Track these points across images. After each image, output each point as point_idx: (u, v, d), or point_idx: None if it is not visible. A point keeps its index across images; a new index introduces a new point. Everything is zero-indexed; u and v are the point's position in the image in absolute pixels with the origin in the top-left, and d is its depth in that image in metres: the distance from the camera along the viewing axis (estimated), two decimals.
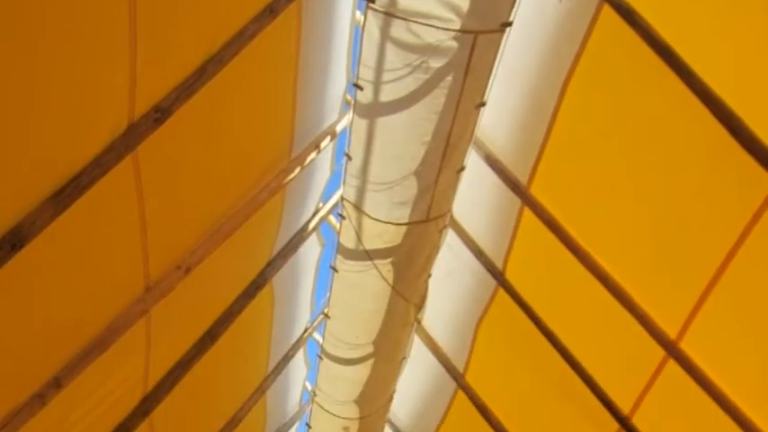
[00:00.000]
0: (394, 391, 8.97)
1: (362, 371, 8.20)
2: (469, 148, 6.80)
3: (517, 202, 6.96)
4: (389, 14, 5.51)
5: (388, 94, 6.01)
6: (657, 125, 5.69)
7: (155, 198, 5.22)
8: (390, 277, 7.33)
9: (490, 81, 6.17)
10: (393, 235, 7.06)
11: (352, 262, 7.37)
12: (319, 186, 7.71)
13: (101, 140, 4.48)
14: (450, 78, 5.82)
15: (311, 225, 7.83)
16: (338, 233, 7.40)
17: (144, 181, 5.00)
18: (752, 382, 6.09)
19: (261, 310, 7.78)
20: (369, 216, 6.98)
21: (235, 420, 8.51)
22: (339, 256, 7.47)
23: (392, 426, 9.81)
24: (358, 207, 6.97)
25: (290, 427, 10.12)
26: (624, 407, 7.00)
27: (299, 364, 9.51)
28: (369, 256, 7.16)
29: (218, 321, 7.05)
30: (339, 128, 7.13)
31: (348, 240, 7.31)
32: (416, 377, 9.17)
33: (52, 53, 3.87)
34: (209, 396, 7.94)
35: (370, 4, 5.47)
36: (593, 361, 7.13)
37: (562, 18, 5.83)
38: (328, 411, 8.78)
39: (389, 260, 7.19)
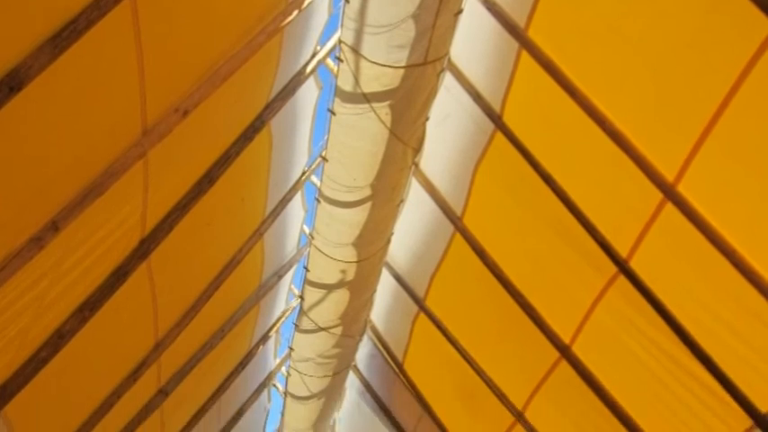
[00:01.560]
0: (391, 235, 9.14)
1: (360, 214, 8.33)
2: None
3: (515, 44, 6.99)
4: None
5: None
6: None
7: (152, 41, 5.24)
8: (388, 120, 7.40)
9: None
10: (391, 78, 7.10)
11: (349, 105, 7.42)
12: (317, 29, 7.71)
13: None
14: None
15: (309, 68, 7.87)
16: (336, 76, 7.43)
17: (141, 23, 5.03)
18: (748, 225, 6.26)
19: (259, 154, 7.88)
20: (366, 59, 7.00)
21: (232, 263, 8.71)
22: (337, 99, 7.52)
23: (390, 269, 10.02)
24: (356, 50, 6.99)
25: (288, 269, 10.35)
26: (622, 250, 7.18)
27: (296, 208, 9.67)
28: (366, 99, 7.21)
29: (216, 164, 7.16)
30: None
31: (346, 83, 7.35)
32: (414, 220, 9.33)
33: None
34: (206, 239, 8.11)
35: None
36: (590, 204, 7.27)
37: None
38: (326, 254, 8.95)
39: (387, 103, 7.25)
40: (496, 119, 7.60)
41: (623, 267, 7.21)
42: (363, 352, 11.30)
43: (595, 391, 8.09)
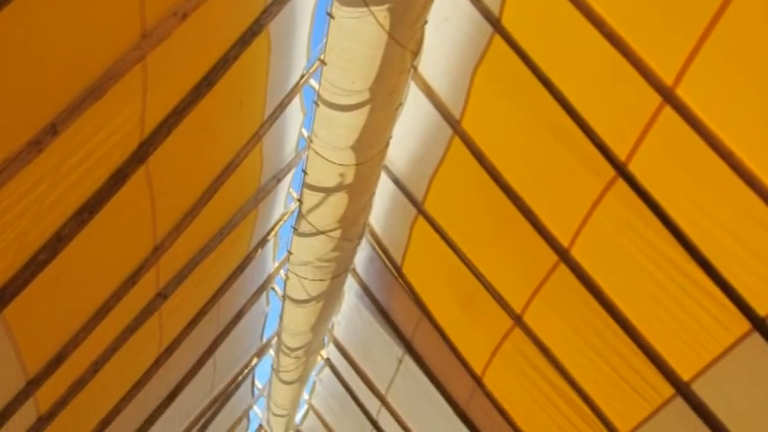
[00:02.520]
0: (390, 138, 9.17)
1: (358, 117, 8.35)
2: None
3: None
4: None
5: None
6: None
7: None
8: (387, 23, 7.37)
9: None
10: None
11: (348, 8, 7.38)
12: None
13: None
14: None
15: None
16: None
17: None
18: (746, 128, 6.32)
19: (257, 57, 7.88)
20: None
21: (231, 167, 8.77)
22: (335, 2, 7.48)
23: (388, 172, 10.07)
24: None
25: (287, 173, 10.42)
26: (621, 153, 7.24)
27: (295, 111, 9.70)
28: (365, 1, 7.18)
29: (215, 68, 7.17)
30: None
31: None
32: (413, 124, 9.36)
33: None
34: (205, 142, 8.16)
35: None
36: (589, 107, 7.31)
37: None
38: (324, 158, 8.98)
39: (386, 6, 7.21)
40: (495, 22, 7.59)
41: (622, 171, 7.28)
42: (362, 255, 11.43)
43: (594, 294, 8.23)
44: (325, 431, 14.92)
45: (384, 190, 10.27)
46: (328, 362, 13.88)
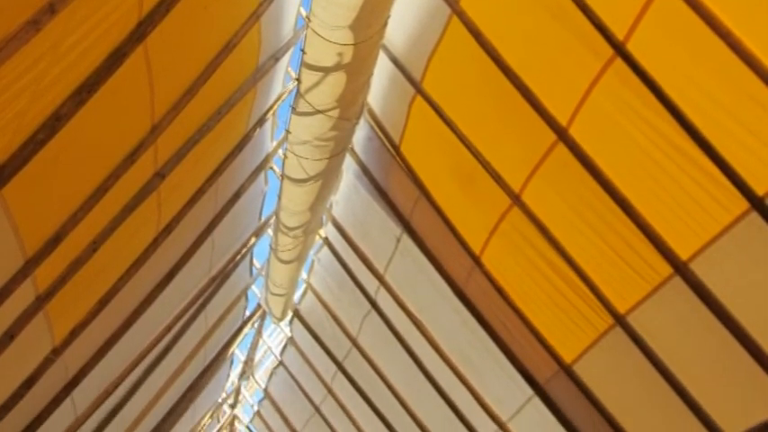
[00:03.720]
0: (388, 17, 9.12)
1: None
2: None
3: None
4: None
5: None
6: None
7: None
8: None
9: None
10: None
11: None
12: None
13: None
14: None
15: None
16: None
17: None
18: (745, 7, 6.38)
19: None
20: None
21: (229, 46, 8.76)
22: None
23: (387, 52, 10.05)
24: None
25: (285, 52, 10.40)
26: (619, 32, 7.25)
27: None
28: None
29: None
30: None
31: None
32: (411, 3, 9.32)
33: None
34: (203, 22, 8.14)
35: None
36: None
37: None
38: (323, 37, 8.95)
39: None
40: None
41: (620, 50, 7.30)
42: (360, 135, 11.47)
43: (592, 173, 8.32)
44: (323, 310, 15.12)
45: (382, 69, 10.25)
46: (327, 241, 14.02)
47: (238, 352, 18.61)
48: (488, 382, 11.97)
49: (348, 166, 12.16)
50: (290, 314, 16.06)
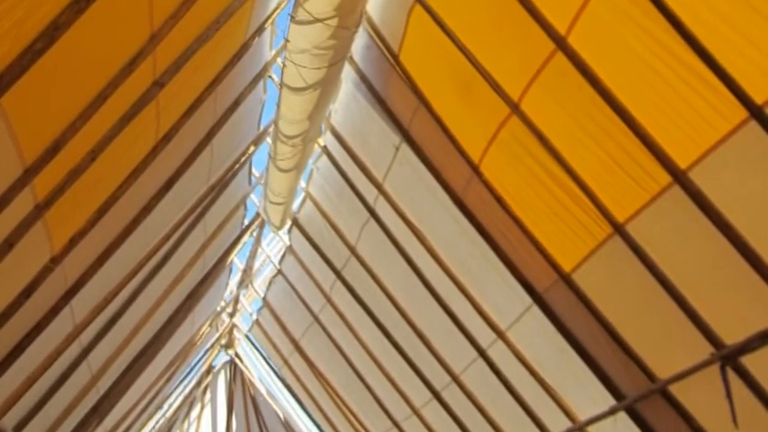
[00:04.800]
0: None
1: None
2: None
3: None
4: None
5: None
6: None
7: None
8: None
9: None
10: None
11: None
12: None
13: None
14: None
15: None
16: None
17: None
18: None
19: None
20: None
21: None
22: None
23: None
24: None
25: None
26: None
27: None
28: None
29: None
30: None
31: None
32: None
33: None
34: None
35: None
36: None
37: None
38: None
39: None
40: None
41: None
42: (359, 43, 11.45)
43: (591, 82, 8.34)
44: (322, 219, 15.23)
45: None
46: (325, 150, 14.06)
47: (237, 261, 18.79)
48: (487, 291, 12.13)
49: (347, 75, 12.16)
50: (288, 223, 16.16)
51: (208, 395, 24.48)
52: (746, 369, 8.54)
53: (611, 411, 10.67)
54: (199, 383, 23.63)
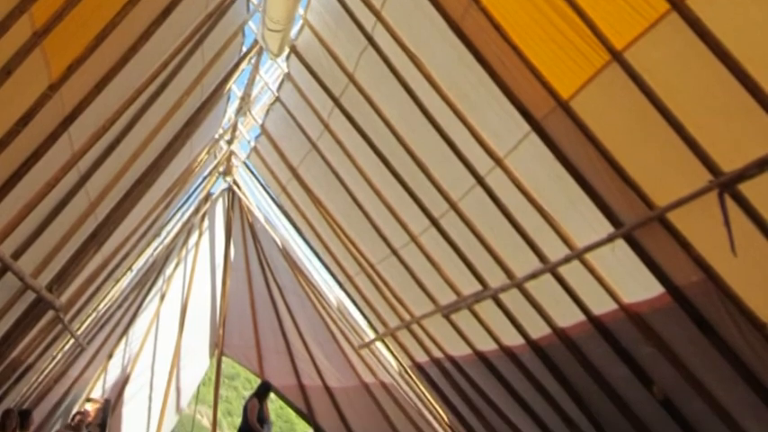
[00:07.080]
0: None
1: None
2: None
3: None
4: None
5: None
6: None
7: None
8: None
9: None
10: None
11: None
12: None
13: None
14: None
15: None
16: None
17: None
18: None
19: None
20: None
21: None
22: None
23: None
24: None
25: None
26: None
27: None
28: None
29: None
30: None
31: None
32: None
33: None
34: None
35: None
36: None
37: None
38: None
39: None
40: None
41: None
42: None
43: None
44: (320, 46, 15.20)
45: None
46: None
47: (235, 88, 18.82)
48: (485, 117, 12.25)
49: None
50: (286, 50, 16.14)
51: (206, 222, 24.86)
52: (744, 196, 8.75)
53: (610, 239, 10.94)
54: (197, 211, 23.92)
